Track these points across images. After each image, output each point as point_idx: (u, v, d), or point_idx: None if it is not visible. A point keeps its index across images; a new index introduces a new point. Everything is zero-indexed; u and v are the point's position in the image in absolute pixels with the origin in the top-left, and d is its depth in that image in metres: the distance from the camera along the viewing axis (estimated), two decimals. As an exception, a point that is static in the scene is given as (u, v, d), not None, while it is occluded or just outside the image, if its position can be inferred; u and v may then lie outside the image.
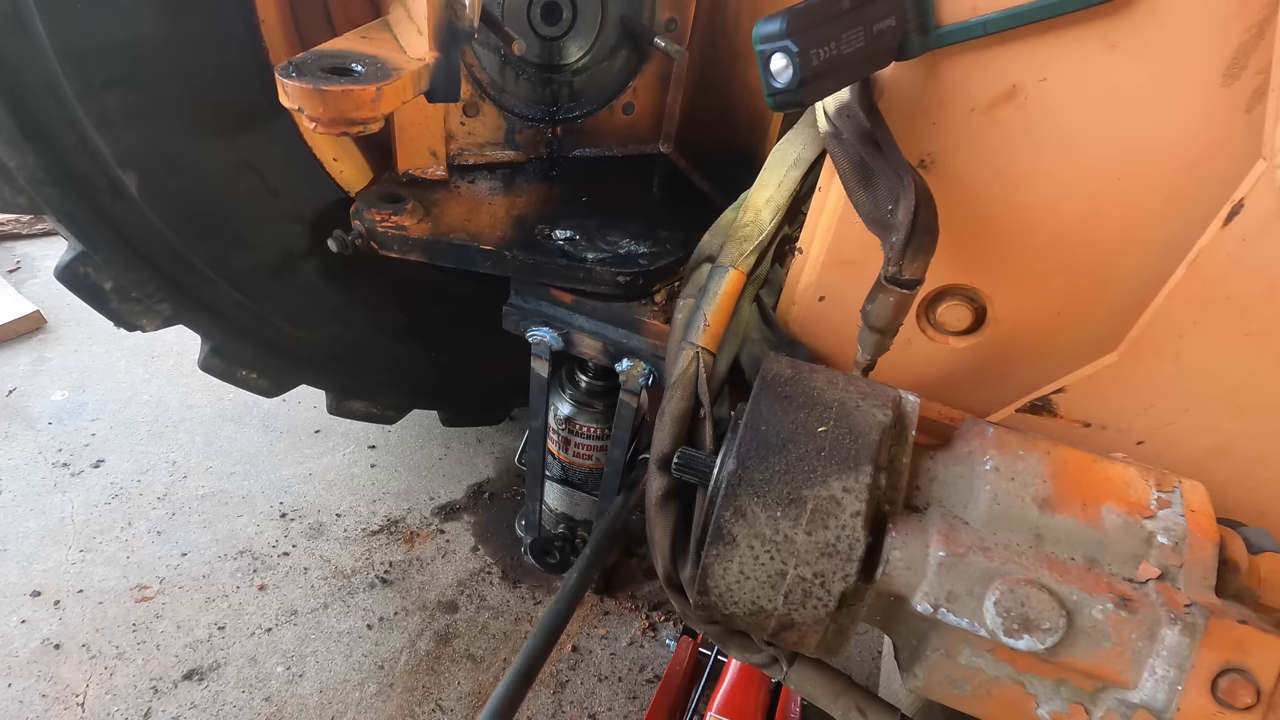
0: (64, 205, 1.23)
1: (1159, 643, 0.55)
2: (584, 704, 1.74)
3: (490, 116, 1.57)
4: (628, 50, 1.62)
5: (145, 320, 1.43)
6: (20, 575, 1.82)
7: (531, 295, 1.43)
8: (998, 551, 0.60)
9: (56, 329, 2.56)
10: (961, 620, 0.58)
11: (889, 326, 0.70)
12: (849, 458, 0.62)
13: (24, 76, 1.10)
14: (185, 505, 2.04)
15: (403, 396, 1.90)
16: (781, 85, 0.61)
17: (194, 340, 1.57)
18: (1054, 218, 0.74)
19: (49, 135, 1.16)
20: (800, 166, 0.95)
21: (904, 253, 0.65)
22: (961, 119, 0.70)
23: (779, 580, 0.61)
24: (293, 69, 0.99)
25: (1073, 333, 0.81)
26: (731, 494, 0.62)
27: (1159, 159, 0.68)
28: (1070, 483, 0.63)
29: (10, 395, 2.29)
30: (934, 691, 0.64)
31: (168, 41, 1.16)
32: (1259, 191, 0.62)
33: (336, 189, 1.46)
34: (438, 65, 1.09)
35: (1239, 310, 0.69)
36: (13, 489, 2.01)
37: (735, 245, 0.93)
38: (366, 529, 2.04)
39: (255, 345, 1.58)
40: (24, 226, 2.99)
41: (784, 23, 0.59)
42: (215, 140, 1.28)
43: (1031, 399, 0.83)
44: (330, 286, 1.55)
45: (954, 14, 0.64)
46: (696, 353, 0.86)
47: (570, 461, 1.74)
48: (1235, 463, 0.78)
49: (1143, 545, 0.60)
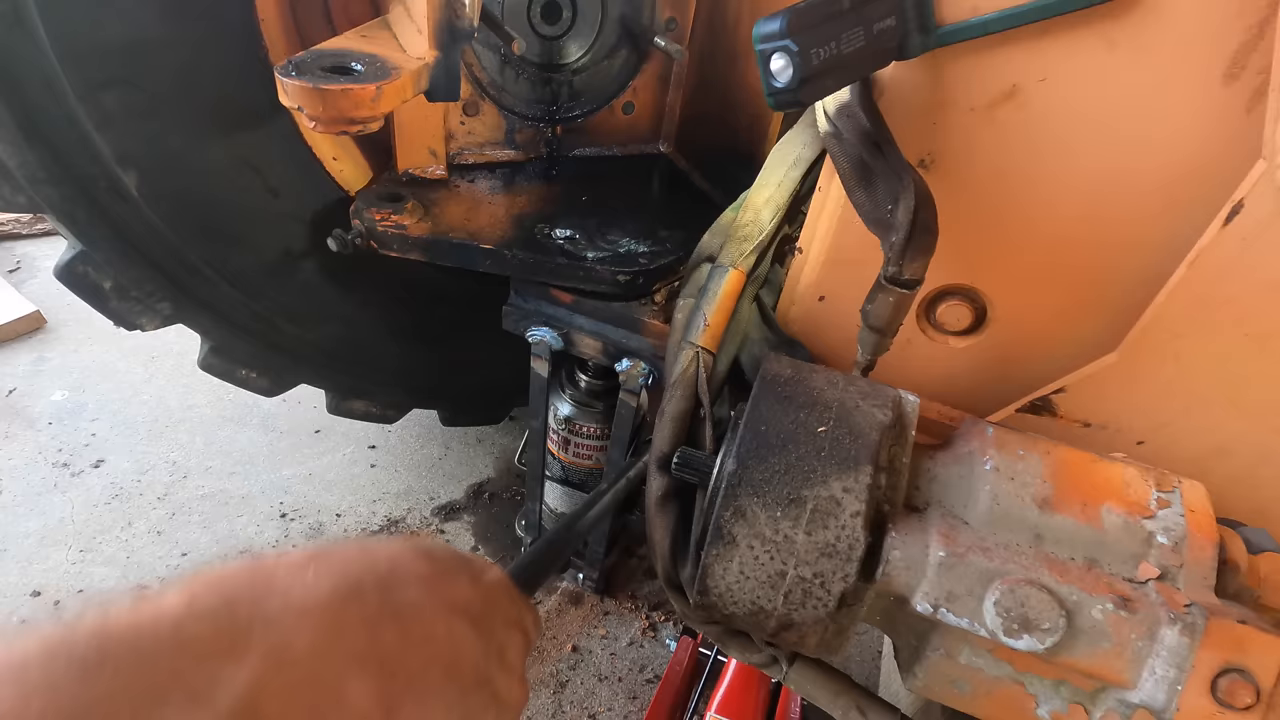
0: (64, 204, 1.23)
1: (1159, 643, 0.55)
2: (584, 704, 1.74)
3: (490, 116, 1.57)
4: (628, 50, 1.62)
5: (145, 319, 1.43)
6: (20, 575, 1.82)
7: (531, 295, 1.43)
8: (998, 551, 0.60)
9: (56, 329, 2.56)
10: (961, 620, 0.58)
11: (889, 326, 0.70)
12: (849, 458, 0.62)
13: (24, 75, 1.10)
14: (185, 505, 2.04)
15: (403, 395, 1.90)
16: (781, 85, 0.61)
17: (194, 340, 1.57)
18: (1054, 218, 0.74)
19: (49, 134, 1.16)
20: (800, 166, 0.95)
21: (904, 253, 0.65)
22: (961, 119, 0.70)
23: (779, 580, 0.61)
24: (292, 68, 0.99)
25: (1073, 333, 0.81)
26: (731, 494, 0.62)
27: (1159, 159, 0.68)
28: (1070, 483, 0.63)
29: (10, 395, 2.29)
30: (934, 691, 0.64)
31: (168, 40, 1.16)
32: (1259, 191, 0.62)
33: (336, 188, 1.46)
34: (437, 64, 1.09)
35: (1239, 310, 0.69)
36: (13, 489, 2.01)
37: (735, 245, 0.93)
38: (367, 529, 2.04)
39: (255, 344, 1.57)
40: (24, 226, 2.99)
41: (784, 22, 0.59)
42: (215, 139, 1.28)
43: (1031, 399, 0.83)
44: (330, 286, 1.55)
45: (954, 14, 0.64)
46: (696, 353, 0.86)
47: (570, 462, 1.74)
48: (1235, 463, 0.78)
49: (1143, 545, 0.60)
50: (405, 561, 0.51)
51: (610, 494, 0.83)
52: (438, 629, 0.50)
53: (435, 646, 0.49)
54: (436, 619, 0.50)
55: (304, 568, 0.47)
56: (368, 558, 0.50)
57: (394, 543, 0.54)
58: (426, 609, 0.50)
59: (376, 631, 0.46)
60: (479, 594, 0.55)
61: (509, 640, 0.57)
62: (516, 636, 0.58)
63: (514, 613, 0.59)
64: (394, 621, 0.47)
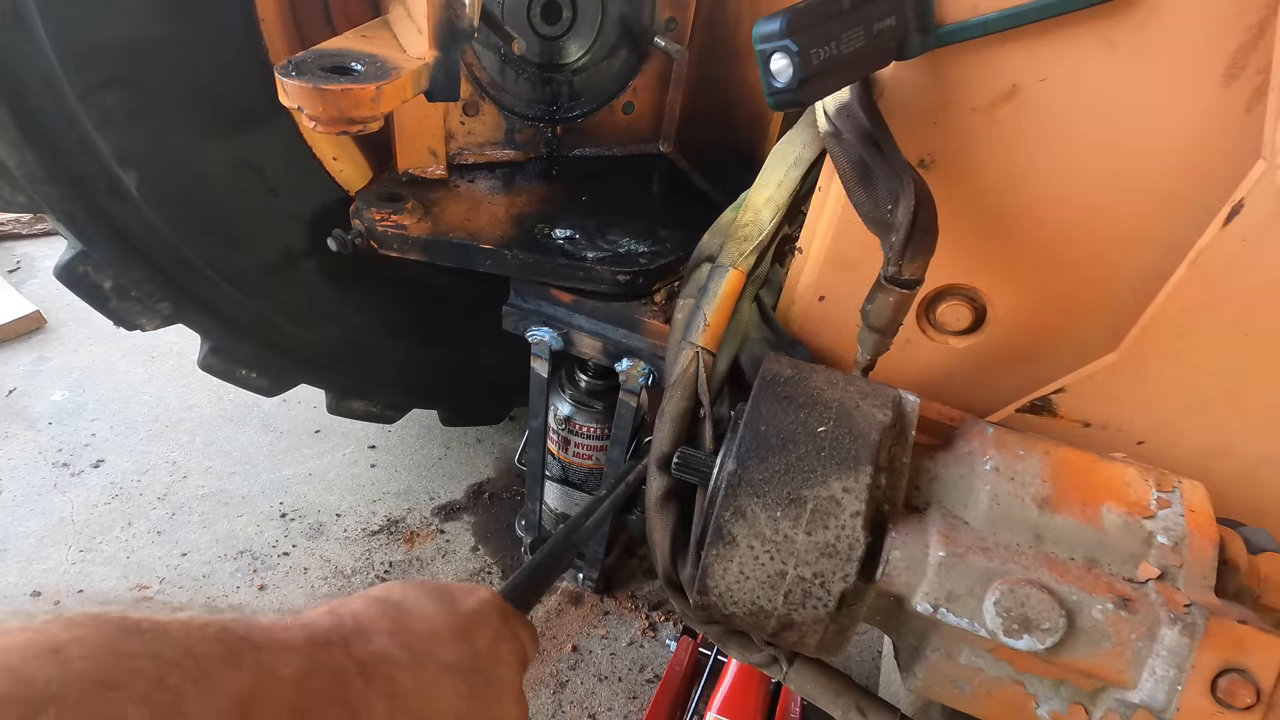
0: (63, 204, 1.23)
1: (1159, 643, 0.55)
2: (584, 704, 1.74)
3: (490, 116, 1.57)
4: (628, 50, 1.62)
5: (145, 319, 1.43)
6: (20, 575, 1.82)
7: (531, 295, 1.43)
8: (998, 551, 0.60)
9: (56, 329, 2.56)
10: (961, 620, 0.58)
11: (889, 326, 0.70)
12: (849, 458, 0.61)
13: (23, 75, 1.10)
14: (185, 505, 2.04)
15: (402, 395, 1.90)
16: (781, 85, 0.61)
17: (194, 340, 1.57)
18: (1054, 217, 0.74)
19: (48, 134, 1.16)
20: (800, 166, 0.95)
21: (904, 253, 0.65)
22: (962, 119, 0.70)
23: (779, 580, 0.61)
24: (292, 68, 0.99)
25: (1073, 332, 0.81)
26: (731, 494, 0.62)
27: (1159, 159, 0.68)
28: (1070, 483, 0.63)
29: (10, 395, 2.29)
30: (934, 691, 0.64)
31: (167, 40, 1.16)
32: (1259, 191, 0.62)
33: (336, 188, 1.46)
34: (437, 64, 1.09)
35: (1239, 310, 0.69)
36: (13, 489, 2.01)
37: (735, 245, 0.93)
38: (366, 529, 2.04)
39: (255, 344, 1.57)
40: (24, 226, 2.99)
41: (784, 22, 0.58)
42: (215, 139, 1.28)
43: (1031, 399, 0.83)
44: (330, 286, 1.55)
45: (954, 13, 0.64)
46: (696, 352, 0.85)
47: (570, 461, 1.74)
48: (1235, 463, 0.78)
49: (1143, 545, 0.60)
50: (373, 619, 0.50)
51: (607, 501, 0.83)
52: (411, 690, 0.49)
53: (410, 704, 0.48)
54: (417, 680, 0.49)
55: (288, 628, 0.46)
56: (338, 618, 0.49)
57: (372, 599, 0.53)
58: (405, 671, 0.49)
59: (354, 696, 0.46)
60: (458, 625, 0.54)
61: (499, 662, 0.56)
62: (509, 657, 0.58)
63: (506, 631, 0.59)
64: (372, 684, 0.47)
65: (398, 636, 0.50)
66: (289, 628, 0.45)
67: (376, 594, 0.54)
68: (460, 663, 0.53)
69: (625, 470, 0.89)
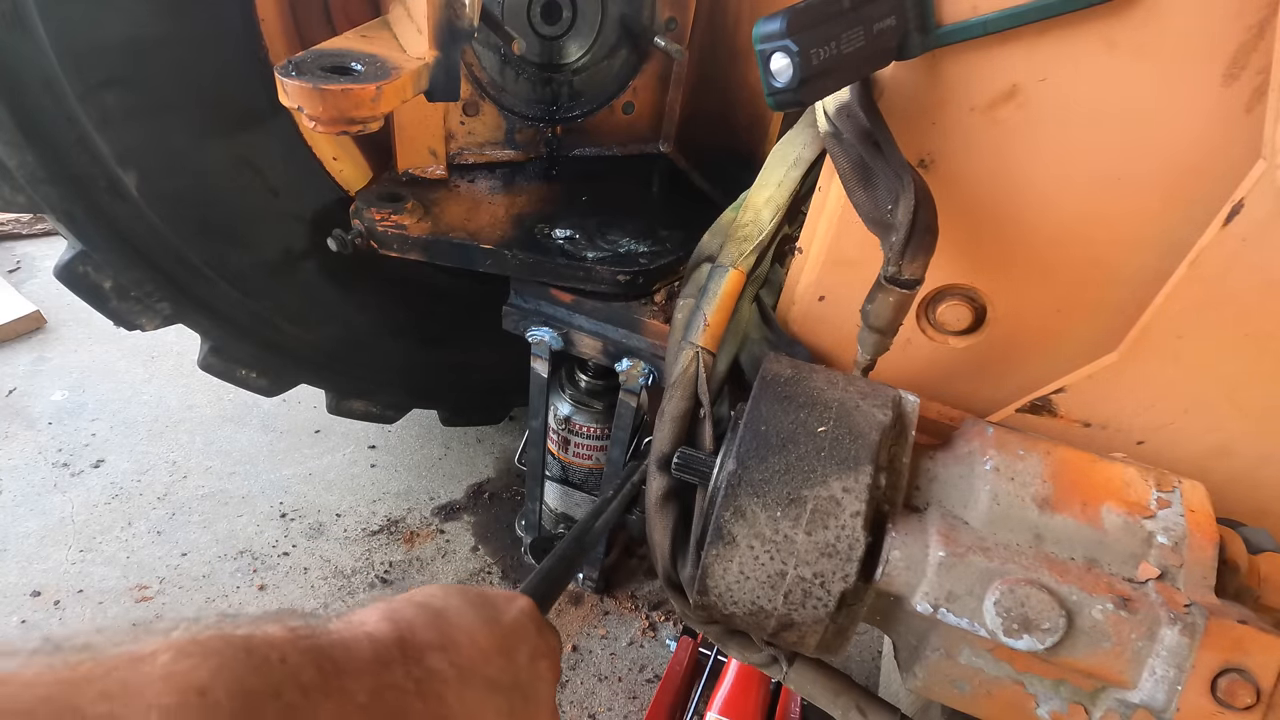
0: (63, 204, 1.23)
1: (1159, 643, 0.55)
2: (584, 704, 1.74)
3: (490, 116, 1.57)
4: (628, 50, 1.62)
5: (145, 319, 1.43)
6: (20, 575, 1.82)
7: (531, 295, 1.43)
8: (998, 551, 0.60)
9: (56, 329, 2.56)
10: (961, 620, 0.58)
11: (889, 326, 0.70)
12: (849, 458, 0.61)
13: (23, 75, 1.10)
14: (185, 505, 2.04)
15: (402, 395, 1.90)
16: (781, 85, 0.61)
17: (194, 340, 1.57)
18: (1054, 217, 0.74)
19: (48, 134, 1.16)
20: (800, 166, 0.95)
21: (904, 253, 0.65)
22: (961, 119, 0.70)
23: (779, 580, 0.61)
24: (292, 68, 0.99)
25: (1073, 333, 0.81)
26: (731, 494, 0.62)
27: (1159, 159, 0.68)
28: (1070, 483, 0.63)
29: (10, 395, 2.29)
30: (934, 691, 0.64)
31: (167, 40, 1.16)
32: (1259, 191, 0.62)
33: (336, 188, 1.46)
34: (437, 64, 1.09)
35: (1239, 310, 0.68)
36: (13, 489, 2.01)
37: (735, 245, 0.93)
38: (366, 529, 2.04)
39: (255, 344, 1.57)
40: (24, 226, 2.99)
41: (784, 22, 0.58)
42: (215, 139, 1.28)
43: (1031, 399, 0.83)
44: (330, 286, 1.55)
45: (954, 13, 0.64)
46: (696, 352, 0.86)
47: (570, 461, 1.74)
48: (1235, 463, 0.78)
49: (1143, 545, 0.60)
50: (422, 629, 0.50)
51: (616, 501, 0.83)
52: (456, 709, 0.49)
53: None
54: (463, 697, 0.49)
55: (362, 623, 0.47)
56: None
57: (418, 605, 0.52)
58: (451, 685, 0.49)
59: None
60: (499, 640, 0.54)
61: (537, 679, 0.56)
62: (546, 673, 0.57)
63: (543, 645, 0.58)
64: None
65: (446, 652, 0.49)
66: (359, 640, 0.45)
67: (421, 600, 0.53)
68: (501, 679, 0.52)
69: (631, 469, 0.89)
